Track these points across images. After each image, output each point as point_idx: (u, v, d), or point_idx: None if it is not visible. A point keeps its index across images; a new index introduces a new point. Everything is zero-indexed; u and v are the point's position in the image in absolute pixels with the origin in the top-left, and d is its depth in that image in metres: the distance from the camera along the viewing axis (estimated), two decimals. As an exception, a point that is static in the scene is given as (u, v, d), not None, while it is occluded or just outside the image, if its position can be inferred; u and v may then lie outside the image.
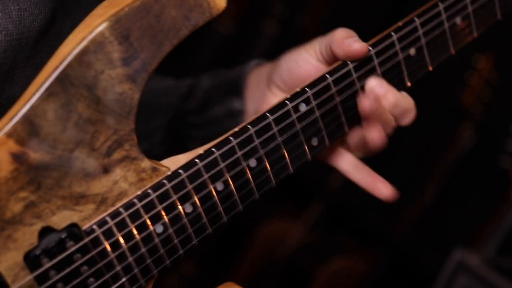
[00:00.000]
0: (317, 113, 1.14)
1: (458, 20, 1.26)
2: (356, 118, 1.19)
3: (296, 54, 1.22)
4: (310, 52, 1.20)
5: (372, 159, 4.20)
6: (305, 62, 1.21)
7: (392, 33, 1.18)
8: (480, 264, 2.99)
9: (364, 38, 1.17)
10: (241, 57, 4.34)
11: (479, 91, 3.47)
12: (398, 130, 1.24)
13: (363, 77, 1.17)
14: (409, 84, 1.23)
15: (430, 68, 1.26)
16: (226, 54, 4.42)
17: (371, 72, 1.18)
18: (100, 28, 0.95)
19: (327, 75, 1.14)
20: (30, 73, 1.06)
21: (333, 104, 1.15)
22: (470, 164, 3.56)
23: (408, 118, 1.21)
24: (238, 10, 4.33)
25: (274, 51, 4.25)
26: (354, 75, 1.16)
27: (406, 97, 1.20)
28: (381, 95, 1.16)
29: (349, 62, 1.15)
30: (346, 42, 1.13)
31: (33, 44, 1.06)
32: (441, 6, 1.22)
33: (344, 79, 1.15)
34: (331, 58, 1.18)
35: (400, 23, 1.19)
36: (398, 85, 1.21)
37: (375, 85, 1.16)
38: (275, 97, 1.25)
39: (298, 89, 1.12)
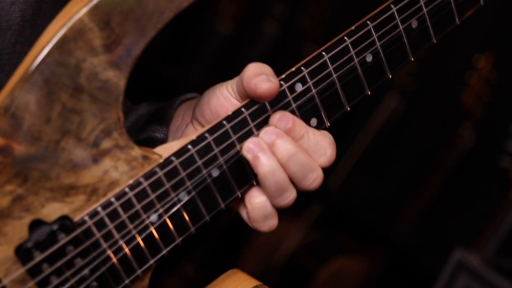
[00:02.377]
0: (314, 92, 1.09)
1: None
2: (356, 95, 1.13)
3: (218, 89, 1.11)
4: (229, 89, 1.10)
5: (372, 160, 4.19)
6: (225, 99, 1.10)
7: (392, 5, 1.12)
8: (480, 264, 2.98)
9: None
10: (241, 57, 4.35)
11: (479, 91, 3.46)
12: (398, 130, 1.19)
13: (362, 52, 1.11)
14: (412, 58, 1.16)
15: (434, 41, 1.18)
16: (226, 54, 4.42)
17: (370, 46, 1.12)
18: (79, 15, 0.93)
19: (324, 53, 1.08)
20: (17, 61, 1.04)
21: (331, 81, 1.09)
22: (470, 164, 3.55)
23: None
24: (238, 10, 4.33)
25: (274, 51, 4.28)
26: (352, 51, 1.10)
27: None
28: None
29: (345, 38, 1.10)
30: (253, 82, 1.03)
31: (18, 30, 1.05)
32: None
33: (341, 55, 1.09)
34: (247, 96, 1.07)
35: None
36: (401, 59, 1.15)
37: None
38: (195, 131, 1.14)
39: (293, 69, 1.07)
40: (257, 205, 1.06)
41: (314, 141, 1.06)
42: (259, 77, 1.03)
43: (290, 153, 1.03)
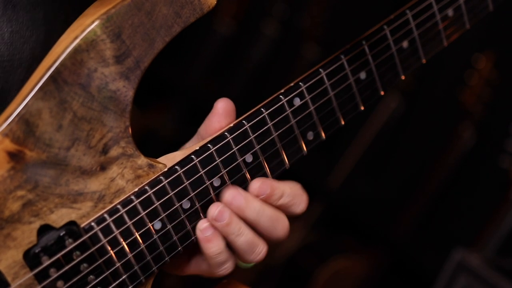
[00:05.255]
0: (312, 107, 1.14)
1: (450, 12, 1.26)
2: (351, 111, 1.19)
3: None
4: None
5: (372, 160, 4.19)
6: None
7: (385, 26, 1.19)
8: (480, 264, 2.98)
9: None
10: (240, 57, 4.35)
11: (479, 91, 3.47)
12: (398, 130, 1.23)
13: (357, 71, 1.17)
14: (403, 77, 1.22)
15: (424, 61, 1.25)
16: (225, 54, 4.42)
17: (365, 65, 1.18)
18: (92, 27, 0.96)
19: (321, 69, 1.14)
20: None
21: (328, 98, 1.15)
22: (470, 164, 3.55)
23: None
24: (238, 10, 4.33)
25: (274, 52, 4.27)
26: (347, 69, 1.16)
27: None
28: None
29: (342, 56, 1.15)
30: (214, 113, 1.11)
31: (27, 66, 1.08)
32: None
33: (337, 72, 1.15)
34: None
35: (392, 16, 1.20)
36: (393, 78, 1.21)
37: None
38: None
39: (291, 84, 1.13)
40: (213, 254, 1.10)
41: (291, 195, 1.13)
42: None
43: (258, 211, 1.09)
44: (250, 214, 1.08)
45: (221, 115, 1.10)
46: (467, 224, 3.53)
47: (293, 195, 1.12)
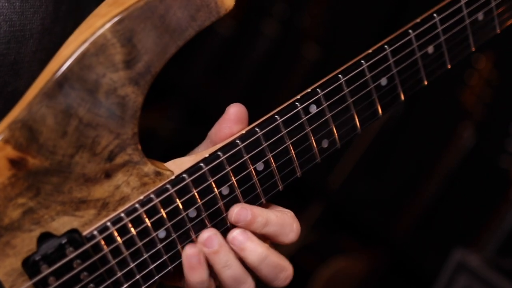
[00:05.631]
0: (328, 115, 1.08)
1: (480, 15, 1.19)
2: (368, 118, 1.13)
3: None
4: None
5: (372, 160, 4.20)
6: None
7: (410, 31, 1.12)
8: (480, 264, 2.98)
9: (363, 37, 1.15)
10: (241, 57, 4.34)
11: (479, 91, 3.46)
12: (398, 131, 1.20)
13: (378, 77, 1.11)
14: (425, 82, 1.17)
15: (449, 66, 1.19)
16: (226, 54, 4.42)
17: (387, 71, 1.12)
18: (102, 30, 0.92)
19: (340, 75, 1.08)
20: (36, 68, 1.04)
21: (346, 105, 1.09)
22: (470, 164, 3.55)
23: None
24: (238, 10, 4.33)
25: (274, 52, 4.27)
26: (368, 75, 1.10)
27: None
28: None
29: (362, 61, 1.10)
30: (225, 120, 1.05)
31: (39, 38, 1.05)
32: (462, 1, 1.16)
33: (357, 79, 1.09)
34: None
35: (418, 20, 1.13)
36: (415, 84, 1.16)
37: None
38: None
39: (308, 90, 1.07)
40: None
41: (278, 223, 1.05)
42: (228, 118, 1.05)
43: (260, 256, 1.02)
44: (251, 257, 1.01)
45: (232, 121, 1.05)
46: (467, 224, 3.53)
47: (281, 224, 1.05)
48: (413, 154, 3.87)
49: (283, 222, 1.05)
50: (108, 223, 0.97)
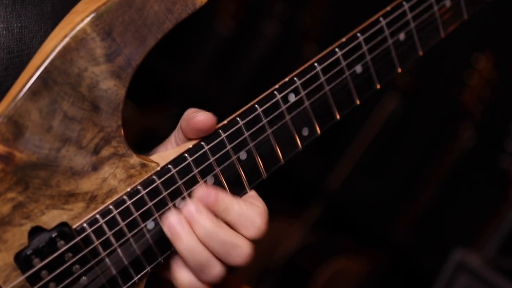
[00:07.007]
0: (307, 103, 1.12)
1: (447, 2, 1.25)
2: (346, 105, 1.17)
3: (167, 140, 1.13)
4: (171, 140, 1.12)
5: (372, 160, 4.18)
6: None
7: (381, 19, 1.17)
8: (480, 264, 2.98)
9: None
10: (241, 57, 4.34)
11: (479, 91, 3.46)
12: (398, 131, 1.21)
13: (353, 64, 1.15)
14: (399, 70, 1.21)
15: (421, 53, 1.23)
16: (226, 54, 4.42)
17: (361, 59, 1.16)
18: (82, 25, 0.95)
19: (316, 64, 1.12)
20: None
21: (323, 93, 1.13)
22: (470, 164, 3.55)
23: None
24: (238, 10, 4.33)
25: (274, 51, 4.27)
26: (343, 63, 1.14)
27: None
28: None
29: (337, 49, 1.13)
30: (191, 116, 1.04)
31: None
32: None
33: (333, 67, 1.13)
34: (186, 141, 1.09)
35: (388, 8, 1.18)
36: (390, 71, 1.20)
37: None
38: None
39: (286, 79, 1.11)
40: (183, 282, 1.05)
41: (238, 213, 1.04)
42: (195, 112, 1.05)
43: (208, 231, 1.02)
44: (200, 230, 1.02)
45: (198, 131, 1.05)
46: (467, 224, 3.52)
47: (240, 214, 1.04)
48: (413, 154, 3.87)
49: (245, 214, 1.04)
50: (97, 216, 0.98)
